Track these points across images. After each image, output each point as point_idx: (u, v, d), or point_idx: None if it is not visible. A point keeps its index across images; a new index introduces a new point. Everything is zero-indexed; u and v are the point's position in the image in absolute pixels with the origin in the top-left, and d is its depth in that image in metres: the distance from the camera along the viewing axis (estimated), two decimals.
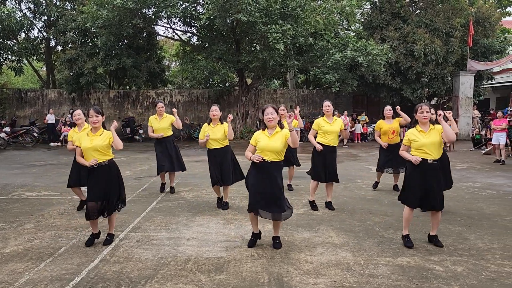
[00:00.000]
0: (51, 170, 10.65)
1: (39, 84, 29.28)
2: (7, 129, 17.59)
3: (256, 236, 4.82)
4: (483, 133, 16.46)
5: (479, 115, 21.23)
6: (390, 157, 7.39)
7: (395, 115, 7.53)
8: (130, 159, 12.59)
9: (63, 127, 18.72)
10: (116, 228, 5.40)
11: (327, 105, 6.33)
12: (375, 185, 8.10)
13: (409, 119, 7.43)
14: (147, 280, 3.82)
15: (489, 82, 22.76)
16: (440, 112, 4.59)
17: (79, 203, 6.51)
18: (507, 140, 12.25)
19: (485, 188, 8.20)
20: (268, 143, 4.48)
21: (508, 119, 12.79)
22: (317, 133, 6.41)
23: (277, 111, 4.59)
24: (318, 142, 6.33)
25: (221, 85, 20.56)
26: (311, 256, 4.45)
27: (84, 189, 5.91)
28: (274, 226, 4.80)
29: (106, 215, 4.78)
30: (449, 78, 19.76)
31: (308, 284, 3.76)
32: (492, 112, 21.56)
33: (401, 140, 6.08)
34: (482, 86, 22.02)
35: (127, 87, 25.03)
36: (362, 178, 9.39)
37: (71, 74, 20.41)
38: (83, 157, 4.75)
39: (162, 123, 7.42)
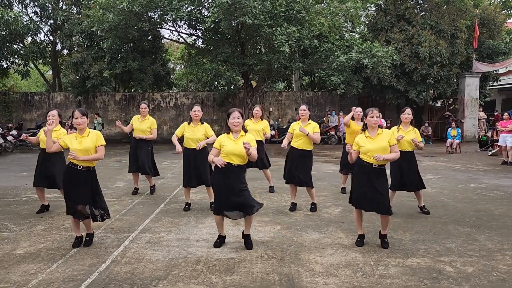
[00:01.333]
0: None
1: (45, 88, 29.48)
2: (14, 132, 17.70)
3: (222, 238, 4.88)
4: (489, 134, 16.39)
5: (485, 117, 21.15)
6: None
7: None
8: None
9: (69, 130, 18.80)
10: (125, 229, 5.45)
11: (303, 109, 6.38)
12: (343, 190, 7.74)
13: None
14: (158, 281, 3.84)
15: (495, 83, 22.68)
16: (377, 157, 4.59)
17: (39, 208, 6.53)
18: None
19: (493, 190, 8.18)
20: (235, 147, 4.51)
21: None
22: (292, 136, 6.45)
23: (242, 116, 4.66)
24: (291, 146, 6.43)
25: (226, 87, 20.61)
26: (321, 257, 4.46)
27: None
28: (246, 223, 4.80)
29: (80, 219, 4.75)
30: (455, 80, 19.71)
31: (319, 284, 3.77)
32: (496, 113, 21.47)
33: None
34: (487, 88, 21.94)
35: (133, 90, 25.15)
36: None
37: (77, 77, 20.53)
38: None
39: (142, 125, 7.44)
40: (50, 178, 6.29)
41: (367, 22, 21.21)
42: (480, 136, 16.88)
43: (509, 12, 21.59)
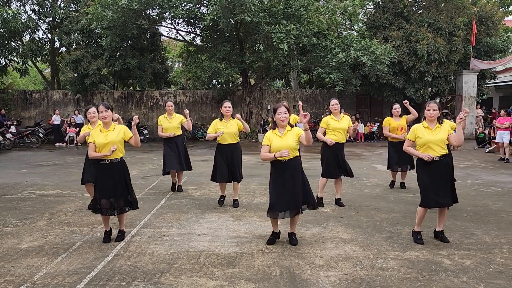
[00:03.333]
0: (59, 170, 10.76)
1: (44, 86, 29.44)
2: (13, 129, 17.71)
3: (275, 235, 4.83)
4: (486, 131, 16.49)
5: (483, 114, 21.26)
6: (399, 155, 7.39)
7: (403, 112, 7.62)
8: (136, 159, 12.69)
9: (68, 127, 18.85)
10: (127, 224, 5.50)
11: (335, 103, 6.38)
12: (392, 184, 8.08)
13: (417, 114, 7.55)
14: (161, 274, 3.91)
15: (492, 81, 22.78)
16: (461, 115, 4.67)
17: (90, 201, 6.58)
18: (511, 138, 12.28)
19: (490, 186, 8.26)
20: (282, 143, 4.51)
21: None
22: (325, 131, 6.46)
23: (289, 111, 4.65)
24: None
25: (224, 85, 20.64)
26: (321, 250, 4.53)
27: None
28: (292, 222, 4.80)
29: (116, 213, 4.82)
30: (452, 77, 19.80)
31: (320, 276, 3.84)
32: (494, 111, 21.58)
33: None
34: (485, 85, 22.05)
35: (131, 87, 25.14)
36: (367, 176, 9.46)
37: (76, 75, 20.53)
38: (96, 152, 4.75)
39: (172, 122, 7.45)
40: None
41: (365, 19, 21.27)
42: (478, 134, 16.98)
43: (506, 9, 21.68)
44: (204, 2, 17.03)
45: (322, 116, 21.25)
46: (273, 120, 4.67)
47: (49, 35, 22.22)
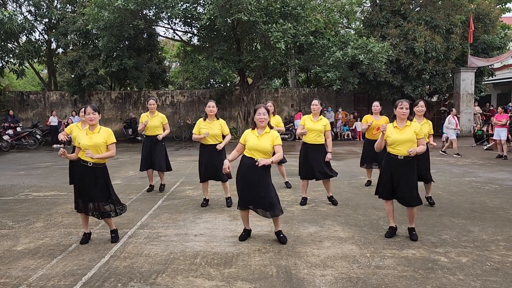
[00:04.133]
0: (56, 171, 10.73)
1: (41, 87, 29.38)
2: (10, 131, 17.67)
3: (247, 232, 4.93)
4: (484, 129, 16.51)
5: (480, 111, 21.28)
6: (374, 153, 7.30)
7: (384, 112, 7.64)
8: (133, 159, 12.67)
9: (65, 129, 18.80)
10: (124, 225, 5.49)
11: (315, 104, 6.37)
12: (368, 183, 8.06)
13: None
14: (158, 274, 3.89)
15: (490, 78, 22.80)
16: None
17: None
18: (509, 135, 12.30)
19: (488, 183, 8.26)
20: (258, 143, 4.52)
21: (509, 114, 12.83)
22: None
23: (269, 112, 4.65)
24: (303, 141, 6.48)
25: (222, 85, 20.62)
26: (318, 249, 4.52)
27: None
28: (274, 222, 4.82)
29: (95, 215, 4.73)
30: (450, 75, 19.81)
31: (316, 276, 3.83)
32: (491, 108, 21.60)
33: None
34: (483, 83, 22.07)
35: (128, 88, 25.11)
36: (365, 174, 9.44)
37: (73, 76, 20.50)
38: (77, 155, 4.73)
39: (153, 121, 7.45)
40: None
41: (362, 18, 21.27)
42: (476, 131, 16.99)
43: (503, 6, 21.68)
44: (201, 1, 16.98)
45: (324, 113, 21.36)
46: (253, 120, 4.68)
47: (46, 36, 22.17)
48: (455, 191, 7.50)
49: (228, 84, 20.95)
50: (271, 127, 4.68)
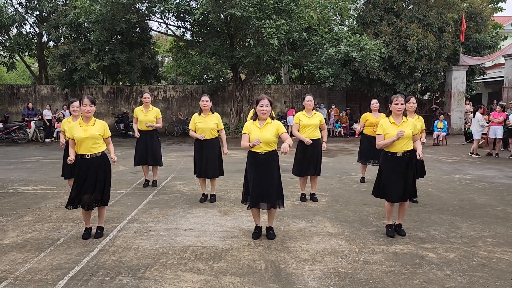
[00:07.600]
0: (45, 165, 10.64)
1: (31, 80, 29.07)
2: (0, 125, 17.47)
3: (259, 229, 4.83)
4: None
5: (471, 110, 21.41)
6: (373, 150, 7.35)
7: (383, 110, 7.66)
8: (124, 154, 12.60)
9: (56, 123, 18.64)
10: (113, 220, 5.46)
11: (309, 100, 6.33)
12: (363, 180, 8.15)
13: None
14: (146, 268, 3.88)
15: (481, 77, 22.97)
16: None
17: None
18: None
19: (477, 180, 8.34)
20: (260, 135, 4.47)
21: (507, 113, 12.84)
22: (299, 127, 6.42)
23: (271, 104, 4.62)
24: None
25: (215, 80, 20.54)
26: (307, 244, 4.53)
27: None
28: (269, 216, 4.82)
29: (93, 206, 4.73)
30: (442, 73, 19.92)
31: (305, 270, 3.84)
32: (483, 106, 21.71)
33: None
34: (474, 81, 22.23)
35: (120, 83, 24.92)
36: (356, 171, 9.49)
37: (64, 69, 20.28)
38: (74, 148, 4.66)
39: (147, 115, 7.39)
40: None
41: (355, 15, 21.29)
42: (466, 129, 17.12)
43: (495, 6, 21.81)
44: None
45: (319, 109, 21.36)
46: (255, 111, 4.63)
47: (37, 29, 21.91)
48: (444, 188, 7.56)
49: (221, 80, 20.89)
50: (272, 118, 4.64)
